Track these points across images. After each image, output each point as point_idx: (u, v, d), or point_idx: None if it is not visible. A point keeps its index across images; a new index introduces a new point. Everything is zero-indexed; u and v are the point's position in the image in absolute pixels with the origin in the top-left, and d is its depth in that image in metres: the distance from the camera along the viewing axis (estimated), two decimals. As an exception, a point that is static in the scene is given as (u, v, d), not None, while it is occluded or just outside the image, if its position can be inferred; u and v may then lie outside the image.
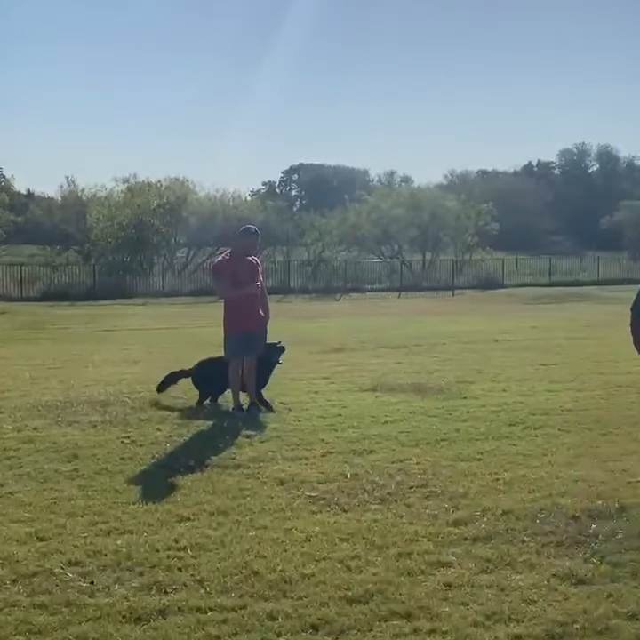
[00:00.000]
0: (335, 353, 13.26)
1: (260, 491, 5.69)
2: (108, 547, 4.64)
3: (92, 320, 22.62)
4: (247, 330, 8.30)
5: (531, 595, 4.00)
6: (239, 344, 8.30)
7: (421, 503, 5.40)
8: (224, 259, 8.54)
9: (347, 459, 6.51)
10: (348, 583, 4.13)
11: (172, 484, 5.86)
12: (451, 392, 9.34)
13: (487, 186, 73.35)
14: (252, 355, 8.35)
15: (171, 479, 6.00)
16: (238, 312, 8.31)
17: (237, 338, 8.29)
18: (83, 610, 3.88)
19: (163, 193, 42.90)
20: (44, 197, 58.16)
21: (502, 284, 39.72)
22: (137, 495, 5.60)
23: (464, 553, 4.52)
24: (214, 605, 3.91)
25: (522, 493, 5.56)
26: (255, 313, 8.40)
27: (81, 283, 35.90)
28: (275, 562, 4.41)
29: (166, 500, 5.48)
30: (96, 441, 7.10)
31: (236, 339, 8.29)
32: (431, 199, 49.50)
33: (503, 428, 7.56)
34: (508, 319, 20.88)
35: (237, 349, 8.32)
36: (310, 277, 40.04)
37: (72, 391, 9.42)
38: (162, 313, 26.04)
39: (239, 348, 8.32)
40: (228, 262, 8.42)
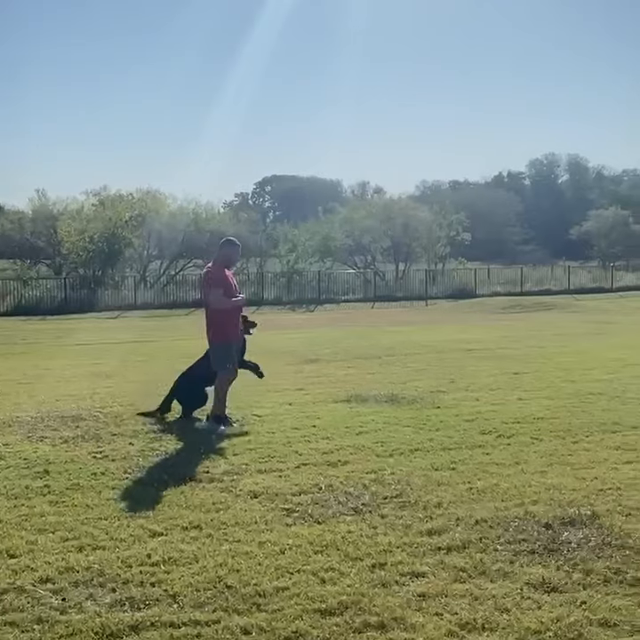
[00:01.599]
0: (309, 364, 13.26)
1: (233, 504, 5.67)
2: (80, 563, 4.59)
3: (64, 334, 22.45)
4: (233, 342, 8.41)
5: (504, 603, 4.01)
6: (228, 355, 8.35)
7: (395, 513, 5.40)
8: (219, 269, 8.54)
9: (321, 470, 6.50)
10: (322, 595, 4.11)
11: (145, 498, 5.81)
12: (424, 402, 9.37)
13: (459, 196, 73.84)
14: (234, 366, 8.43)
15: (143, 494, 5.95)
16: (227, 324, 8.35)
17: (227, 349, 8.33)
18: (54, 627, 3.84)
19: (134, 205, 42.75)
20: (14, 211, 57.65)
21: (475, 293, 40.01)
22: (109, 510, 5.55)
23: (438, 563, 4.53)
24: (188, 620, 3.88)
25: (495, 502, 5.58)
26: (238, 326, 8.53)
27: (52, 297, 35.62)
28: (248, 575, 4.39)
29: (139, 515, 5.43)
30: (68, 456, 7.04)
31: (226, 350, 8.33)
32: (403, 210, 49.90)
33: (476, 436, 7.60)
34: (480, 328, 21.03)
35: (227, 361, 8.34)
36: (284, 289, 40.09)
37: (43, 406, 9.33)
38: (134, 326, 25.90)
39: (228, 360, 8.35)
40: (222, 273, 8.45)
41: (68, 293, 35.96)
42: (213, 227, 44.65)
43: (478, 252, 57.41)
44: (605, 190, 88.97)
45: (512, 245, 76.04)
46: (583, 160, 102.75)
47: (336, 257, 48.70)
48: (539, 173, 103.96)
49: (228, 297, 8.33)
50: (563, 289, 41.93)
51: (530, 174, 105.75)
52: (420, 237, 48.28)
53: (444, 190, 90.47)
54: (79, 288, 37.71)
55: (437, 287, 42.09)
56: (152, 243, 44.35)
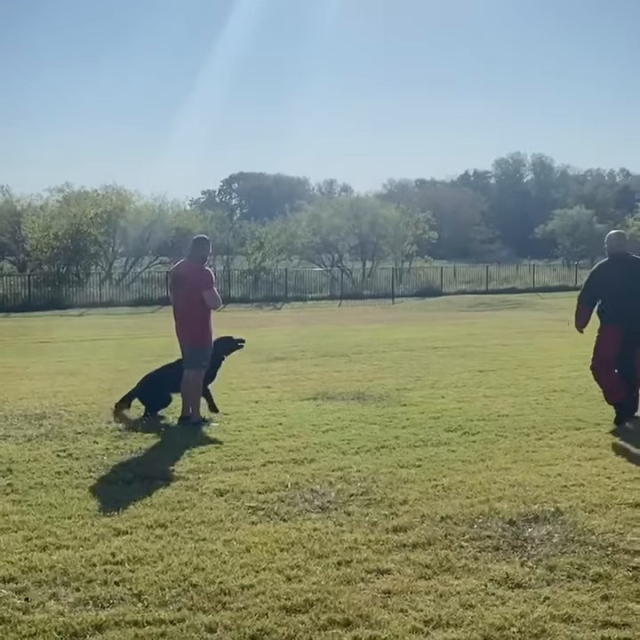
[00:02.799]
0: (276, 362, 13.25)
1: (199, 502, 5.64)
2: (43, 562, 4.53)
3: (27, 332, 22.19)
4: (211, 343, 8.48)
5: (469, 599, 4.03)
6: (207, 355, 8.38)
7: (361, 511, 5.41)
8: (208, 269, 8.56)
9: (287, 468, 6.49)
10: (288, 593, 4.11)
11: (109, 497, 5.76)
12: (390, 399, 9.41)
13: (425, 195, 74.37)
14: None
15: (108, 492, 5.90)
16: (209, 326, 8.37)
17: (208, 351, 8.37)
18: (17, 627, 3.79)
19: (100, 202, 42.36)
20: (-23, 207, 56.88)
21: (441, 291, 40.23)
22: (73, 509, 5.49)
23: (403, 559, 4.54)
24: (152, 619, 3.85)
25: (460, 499, 5.62)
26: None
27: (16, 294, 35.20)
28: (214, 574, 4.37)
29: (103, 514, 5.38)
30: (31, 455, 6.95)
31: (208, 352, 8.36)
32: (370, 208, 50.03)
33: (442, 434, 7.64)
34: (446, 326, 21.16)
35: (204, 359, 8.36)
36: (251, 287, 40.01)
37: (6, 405, 9.21)
38: (99, 323, 25.68)
39: (205, 359, 8.38)
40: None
41: (32, 290, 35.55)
42: (180, 224, 44.40)
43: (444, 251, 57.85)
44: (570, 189, 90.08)
45: (478, 244, 76.67)
46: (548, 159, 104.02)
47: (303, 255, 48.76)
48: (504, 172, 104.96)
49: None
50: (528, 287, 42.35)
51: (495, 173, 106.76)
52: (386, 236, 48.44)
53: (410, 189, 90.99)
54: (43, 285, 37.30)
55: (404, 285, 42.30)
56: (117, 240, 43.97)
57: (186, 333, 8.32)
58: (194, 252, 8.47)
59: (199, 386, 8.31)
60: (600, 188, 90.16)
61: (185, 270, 8.43)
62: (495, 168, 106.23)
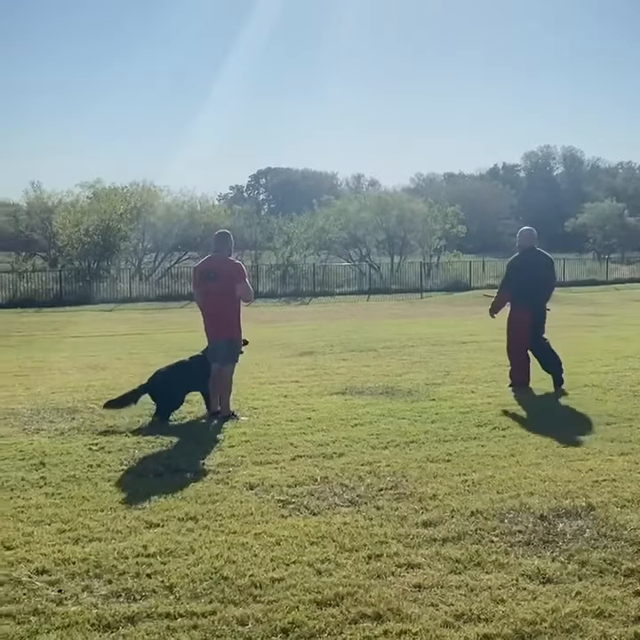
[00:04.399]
0: (304, 356, 13.27)
1: (229, 495, 5.67)
2: (76, 554, 4.59)
3: (59, 326, 22.41)
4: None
5: (500, 594, 4.02)
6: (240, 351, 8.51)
7: (391, 505, 5.41)
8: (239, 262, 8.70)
9: (316, 462, 6.51)
10: (318, 586, 4.12)
11: (141, 490, 5.81)
12: (419, 394, 9.39)
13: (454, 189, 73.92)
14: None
15: (139, 485, 5.95)
16: (241, 319, 8.47)
17: (240, 345, 8.48)
18: (51, 618, 3.84)
19: (129, 198, 42.63)
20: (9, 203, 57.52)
21: (470, 286, 39.98)
22: (105, 502, 5.55)
23: (433, 554, 4.54)
24: (184, 611, 3.88)
25: (490, 494, 5.60)
26: None
27: (47, 289, 35.50)
28: (244, 567, 4.39)
29: (135, 507, 5.44)
30: (63, 448, 7.03)
31: (240, 346, 8.48)
32: (398, 203, 49.81)
33: (471, 429, 7.61)
34: (475, 321, 21.03)
35: (239, 353, 8.48)
36: (279, 282, 40.03)
37: (39, 398, 9.32)
38: (129, 318, 25.88)
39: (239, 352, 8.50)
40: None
41: (64, 286, 35.85)
42: (208, 219, 44.54)
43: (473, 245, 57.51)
44: (601, 183, 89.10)
45: (507, 238, 75.80)
46: (578, 152, 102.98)
47: (331, 250, 48.67)
48: (534, 166, 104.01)
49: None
50: (558, 281, 41.78)
51: (525, 167, 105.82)
52: (414, 230, 48.22)
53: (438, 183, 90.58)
54: (74, 281, 37.61)
55: (432, 280, 42.08)
56: (147, 235, 44.27)
57: (220, 328, 8.33)
58: (220, 247, 8.49)
59: (232, 380, 8.36)
60: (631, 181, 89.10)
61: (216, 264, 8.41)
62: (524, 161, 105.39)
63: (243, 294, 8.35)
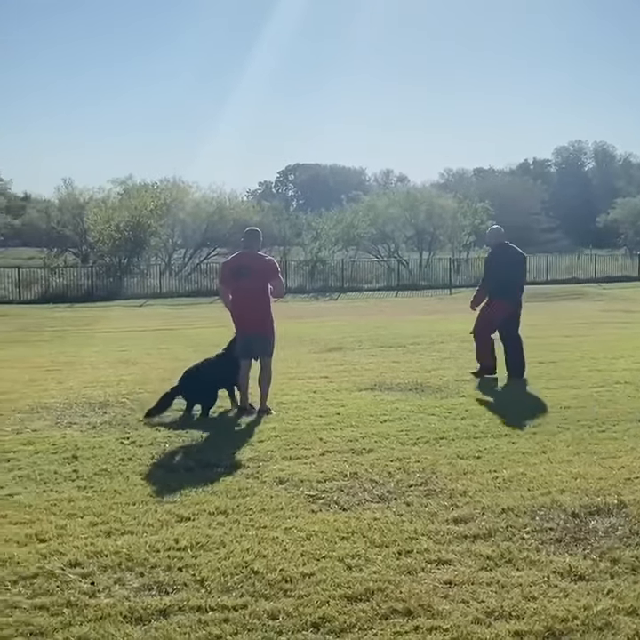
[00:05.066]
0: (333, 352, 13.27)
1: (259, 490, 5.70)
2: (108, 547, 4.63)
3: (91, 322, 22.63)
4: None
5: (531, 591, 4.00)
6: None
7: (421, 501, 5.40)
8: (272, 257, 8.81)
9: (346, 457, 6.51)
10: (349, 582, 4.13)
11: (172, 484, 5.85)
12: (449, 390, 9.35)
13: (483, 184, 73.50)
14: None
15: (170, 479, 5.99)
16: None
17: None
18: (84, 611, 3.88)
19: (159, 194, 42.90)
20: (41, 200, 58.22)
21: (499, 282, 39.65)
22: (137, 496, 5.60)
23: (464, 550, 4.53)
24: (215, 605, 3.91)
25: (521, 491, 5.57)
26: None
27: (79, 285, 35.88)
28: (275, 561, 4.41)
29: (166, 501, 5.48)
30: (95, 442, 7.10)
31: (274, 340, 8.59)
32: (427, 198, 49.60)
33: (502, 425, 7.57)
34: (505, 317, 20.87)
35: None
36: (308, 277, 40.07)
37: (71, 393, 9.42)
38: (159, 314, 26.06)
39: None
40: None
41: (95, 281, 36.20)
42: (237, 215, 44.71)
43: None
44: (633, 178, 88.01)
45: (538, 234, 75.32)
46: (610, 147, 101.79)
47: (360, 245, 48.61)
48: (565, 161, 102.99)
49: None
50: (589, 277, 41.52)
51: (556, 162, 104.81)
52: (443, 226, 48.01)
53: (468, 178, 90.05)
54: (105, 276, 37.96)
55: (462, 276, 41.84)
56: (176, 231, 44.54)
57: (255, 324, 8.37)
58: (251, 243, 8.51)
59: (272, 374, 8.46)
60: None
61: (250, 260, 8.43)
62: (555, 156, 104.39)
63: (276, 291, 8.44)
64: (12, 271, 35.64)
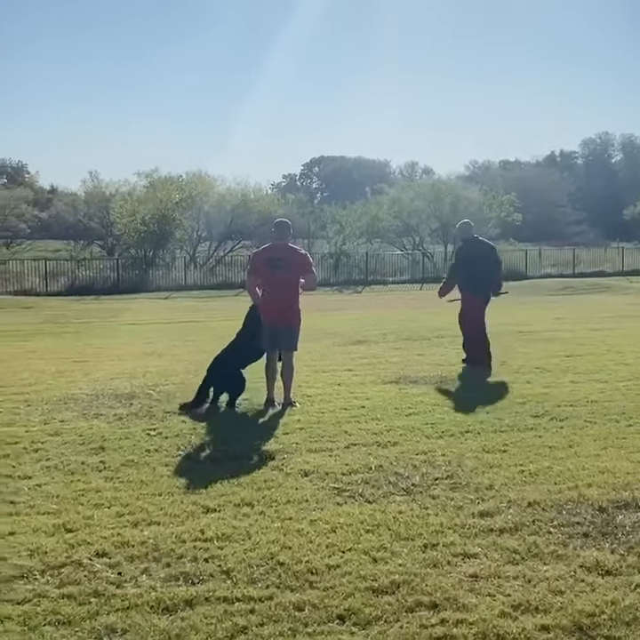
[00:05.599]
0: (357, 345, 13.26)
1: (284, 482, 5.71)
2: (135, 538, 4.67)
3: (116, 314, 22.77)
4: None
5: (558, 586, 3.98)
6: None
7: (447, 495, 5.39)
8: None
9: (371, 450, 6.51)
10: (374, 574, 4.13)
11: (198, 475, 5.89)
12: (474, 383, 9.30)
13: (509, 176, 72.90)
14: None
15: (196, 471, 6.03)
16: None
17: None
18: (111, 600, 3.91)
19: (184, 187, 43.06)
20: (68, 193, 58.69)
21: (525, 275, 39.44)
22: (163, 487, 5.63)
23: (490, 544, 4.51)
24: (241, 596, 3.92)
25: (548, 485, 5.53)
26: None
27: (105, 277, 36.10)
28: (300, 553, 4.42)
29: (192, 492, 5.51)
30: (122, 433, 7.15)
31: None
32: (452, 190, 49.36)
33: (528, 419, 7.53)
34: (531, 310, 20.79)
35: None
36: (332, 270, 40.02)
37: (98, 384, 9.49)
38: (184, 306, 26.17)
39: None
40: None
41: (121, 274, 36.40)
42: (261, 208, 44.77)
43: (529, 234, 56.65)
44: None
45: (564, 226, 74.78)
46: (638, 139, 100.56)
47: (384, 238, 48.48)
48: (592, 153, 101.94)
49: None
50: (616, 270, 41.08)
51: (583, 154, 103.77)
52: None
53: (494, 170, 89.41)
54: (131, 269, 38.17)
55: (487, 269, 41.55)
56: (201, 224, 44.68)
57: (286, 316, 8.36)
58: (283, 235, 8.50)
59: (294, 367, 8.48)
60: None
61: (285, 252, 8.42)
62: (582, 148, 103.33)
63: (309, 284, 8.48)
64: (39, 263, 35.93)
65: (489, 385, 9.19)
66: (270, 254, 8.45)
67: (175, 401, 8.40)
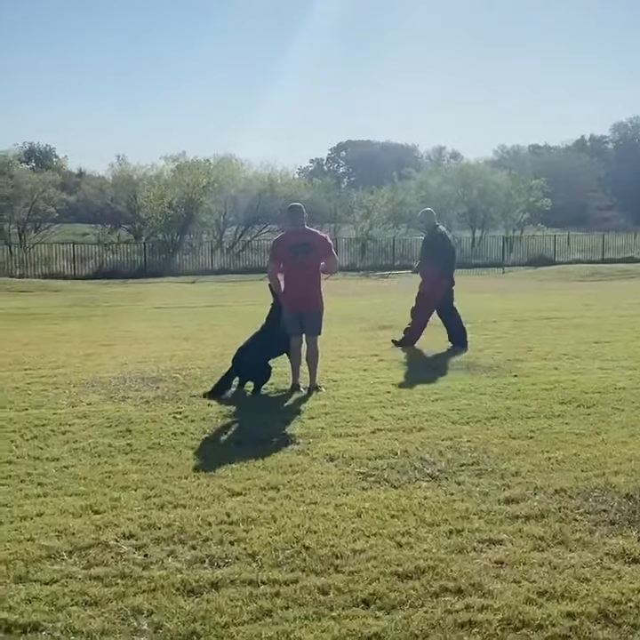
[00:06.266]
0: (384, 330, 13.23)
1: (309, 466, 5.72)
2: (161, 520, 4.70)
3: (143, 297, 22.92)
4: None
5: (584, 573, 3.96)
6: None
7: (472, 481, 5.37)
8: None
9: (396, 436, 6.50)
10: (399, 559, 4.13)
11: (224, 458, 5.92)
12: (501, 370, 9.26)
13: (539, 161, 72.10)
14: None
15: (222, 454, 6.06)
16: None
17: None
18: (137, 582, 3.94)
19: (211, 171, 43.08)
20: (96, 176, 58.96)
21: (554, 260, 39.12)
22: (189, 470, 5.67)
23: (516, 531, 4.49)
24: (266, 579, 3.94)
25: (574, 472, 5.50)
26: None
27: (132, 261, 36.34)
28: (326, 537, 4.43)
29: (218, 475, 5.54)
30: (149, 416, 7.20)
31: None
32: (480, 175, 49.00)
33: (555, 406, 7.47)
34: (559, 296, 20.63)
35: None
36: (358, 255, 39.95)
37: (125, 367, 9.56)
38: (211, 290, 26.26)
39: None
40: None
41: (148, 257, 36.61)
42: (288, 192, 44.65)
43: (558, 219, 56.03)
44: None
45: (593, 212, 73.91)
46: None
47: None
48: (622, 137, 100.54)
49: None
50: (647, 257, 40.63)
51: (613, 138, 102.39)
52: (497, 203, 47.38)
53: (523, 155, 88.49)
54: (158, 253, 38.37)
55: (515, 254, 41.32)
56: (228, 208, 44.70)
57: (311, 300, 8.39)
58: (300, 220, 8.47)
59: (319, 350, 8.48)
60: None
61: (306, 237, 8.41)
62: (613, 133, 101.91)
63: (330, 267, 8.50)
64: (67, 247, 36.22)
65: (515, 371, 9.12)
66: (292, 241, 8.43)
67: (202, 385, 8.44)
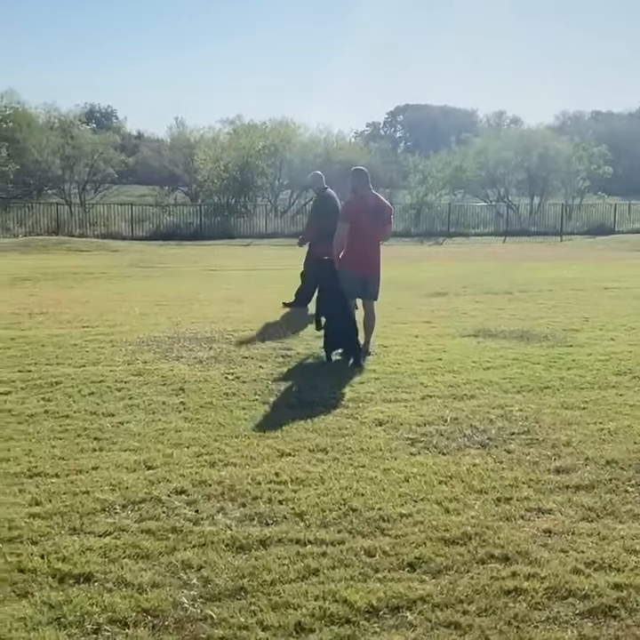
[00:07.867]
0: (437, 297, 13.15)
1: (358, 430, 5.74)
2: (212, 477, 4.79)
3: (198, 259, 23.11)
4: None
5: (633, 544, 3.92)
6: None
7: (522, 450, 5.34)
8: None
9: (446, 403, 6.48)
10: (446, 525, 4.14)
11: (274, 420, 5.98)
12: (556, 339, 9.14)
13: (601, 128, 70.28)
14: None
15: (272, 415, 6.12)
16: None
17: None
18: (188, 537, 4.02)
19: (267, 135, 43.01)
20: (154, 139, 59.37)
21: (614, 230, 38.31)
22: (240, 429, 5.75)
23: (565, 501, 4.46)
24: (314, 539, 3.99)
25: (627, 444, 5.42)
26: None
27: (188, 223, 36.62)
28: (373, 500, 4.46)
29: (268, 435, 5.60)
30: (201, 376, 7.30)
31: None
32: (541, 141, 48.01)
33: (610, 377, 7.36)
34: (618, 266, 20.22)
35: None
36: (413, 221, 39.63)
37: (179, 327, 9.67)
38: (265, 254, 26.34)
39: None
40: None
41: (203, 220, 36.86)
42: (344, 156, 44.40)
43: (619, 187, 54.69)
44: None
45: (657, 180, 71.91)
46: None
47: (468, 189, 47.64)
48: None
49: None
50: None
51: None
52: (557, 170, 46.43)
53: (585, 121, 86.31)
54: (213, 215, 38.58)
55: (574, 223, 40.58)
56: (283, 172, 44.63)
57: (375, 265, 8.52)
58: (366, 184, 8.52)
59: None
60: None
61: (379, 201, 8.55)
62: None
63: (387, 233, 8.73)
64: (125, 208, 36.64)
65: (571, 341, 8.99)
66: (373, 204, 8.47)
67: (254, 347, 8.50)
